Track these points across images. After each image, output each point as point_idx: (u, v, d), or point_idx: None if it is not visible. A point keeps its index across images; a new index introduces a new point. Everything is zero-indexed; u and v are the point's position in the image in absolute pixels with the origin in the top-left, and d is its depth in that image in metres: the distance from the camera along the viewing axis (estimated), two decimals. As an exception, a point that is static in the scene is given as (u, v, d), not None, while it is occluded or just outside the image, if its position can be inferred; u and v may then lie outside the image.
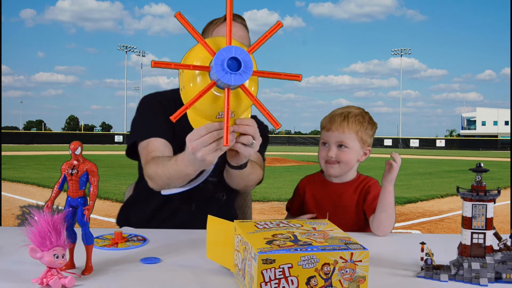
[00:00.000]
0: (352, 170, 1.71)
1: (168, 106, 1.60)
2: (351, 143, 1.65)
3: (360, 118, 1.67)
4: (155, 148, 1.54)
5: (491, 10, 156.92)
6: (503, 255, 1.01)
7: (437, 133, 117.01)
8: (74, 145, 1.02)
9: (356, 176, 1.72)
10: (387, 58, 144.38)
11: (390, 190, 1.52)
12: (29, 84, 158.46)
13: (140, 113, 1.70)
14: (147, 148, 1.55)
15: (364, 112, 1.71)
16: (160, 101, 1.69)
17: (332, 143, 1.66)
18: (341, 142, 1.64)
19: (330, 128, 1.66)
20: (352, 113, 1.67)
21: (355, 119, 1.66)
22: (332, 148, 1.65)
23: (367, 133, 1.68)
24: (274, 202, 7.68)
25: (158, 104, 1.68)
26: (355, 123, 1.65)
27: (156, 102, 1.69)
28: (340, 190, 1.69)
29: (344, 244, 0.92)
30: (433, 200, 8.69)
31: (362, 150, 1.68)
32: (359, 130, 1.65)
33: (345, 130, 1.64)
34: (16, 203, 6.81)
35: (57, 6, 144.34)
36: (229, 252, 1.06)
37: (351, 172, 1.71)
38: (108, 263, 1.13)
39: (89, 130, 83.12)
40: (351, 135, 1.64)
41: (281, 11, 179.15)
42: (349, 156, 1.65)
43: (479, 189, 1.02)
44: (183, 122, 1.64)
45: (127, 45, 63.94)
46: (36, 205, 0.99)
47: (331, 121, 1.67)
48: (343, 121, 1.65)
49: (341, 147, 1.65)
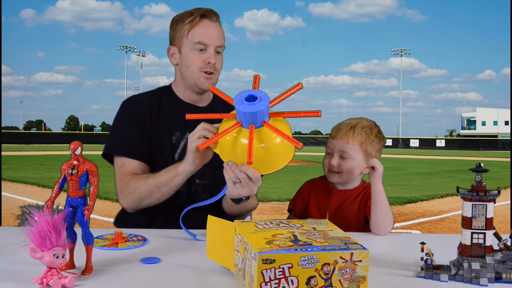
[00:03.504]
0: (357, 179, 1.70)
1: (142, 115, 1.68)
2: (354, 154, 1.63)
3: (367, 130, 1.66)
4: (131, 169, 1.62)
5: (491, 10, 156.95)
6: (503, 255, 1.01)
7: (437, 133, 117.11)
8: (74, 145, 1.02)
9: (360, 184, 1.71)
10: (387, 58, 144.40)
11: (380, 188, 1.53)
12: (29, 84, 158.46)
13: (118, 123, 1.73)
14: (123, 168, 1.63)
15: (374, 125, 1.69)
16: (136, 110, 1.70)
17: (335, 152, 1.65)
18: (344, 151, 1.63)
19: (335, 136, 1.66)
20: (360, 124, 1.66)
21: (361, 130, 1.64)
22: (334, 157, 1.65)
23: (373, 146, 1.66)
24: (274, 202, 7.68)
25: (134, 115, 1.70)
26: (361, 134, 1.64)
27: (132, 113, 1.71)
28: (343, 197, 1.69)
29: (344, 244, 0.92)
30: (433, 200, 8.69)
31: (365, 162, 1.65)
32: (364, 142, 1.64)
33: (350, 140, 1.63)
34: (16, 203, 6.80)
35: (57, 6, 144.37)
36: (229, 252, 1.06)
37: (355, 181, 1.70)
38: (108, 263, 1.13)
39: (89, 130, 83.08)
40: (355, 145, 1.63)
41: (281, 11, 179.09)
42: (350, 166, 1.63)
43: (479, 189, 1.02)
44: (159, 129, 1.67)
45: (127, 45, 63.88)
46: (36, 205, 0.99)
47: (337, 129, 1.67)
48: (349, 130, 1.64)
49: (343, 157, 1.64)
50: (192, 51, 1.64)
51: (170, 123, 1.70)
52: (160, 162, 1.64)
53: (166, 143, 1.68)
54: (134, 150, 1.64)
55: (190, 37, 1.63)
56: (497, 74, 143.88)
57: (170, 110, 1.72)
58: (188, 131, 1.67)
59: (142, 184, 1.54)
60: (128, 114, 1.72)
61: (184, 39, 1.65)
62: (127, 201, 1.59)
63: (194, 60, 1.64)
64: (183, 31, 1.64)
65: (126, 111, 1.73)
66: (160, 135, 1.68)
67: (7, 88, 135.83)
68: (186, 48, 1.65)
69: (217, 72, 1.69)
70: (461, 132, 76.00)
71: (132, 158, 1.63)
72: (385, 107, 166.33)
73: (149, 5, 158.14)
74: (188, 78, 1.68)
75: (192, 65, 1.65)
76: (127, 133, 1.68)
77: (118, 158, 1.65)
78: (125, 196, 1.59)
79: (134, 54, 66.49)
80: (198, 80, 1.66)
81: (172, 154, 1.67)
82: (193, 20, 1.63)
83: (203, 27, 1.63)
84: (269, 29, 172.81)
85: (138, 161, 1.63)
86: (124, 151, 1.65)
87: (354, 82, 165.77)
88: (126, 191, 1.58)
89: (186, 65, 1.66)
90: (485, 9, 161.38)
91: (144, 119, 1.68)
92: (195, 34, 1.63)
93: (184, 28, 1.64)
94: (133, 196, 1.56)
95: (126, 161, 1.63)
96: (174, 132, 1.69)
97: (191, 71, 1.66)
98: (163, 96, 1.76)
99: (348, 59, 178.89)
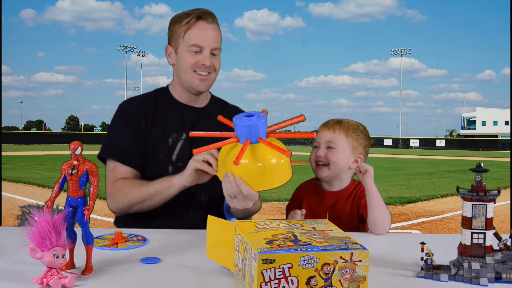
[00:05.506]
0: (346, 178, 1.70)
1: (137, 119, 1.70)
2: (340, 144, 1.65)
3: (354, 126, 1.69)
4: (122, 174, 1.64)
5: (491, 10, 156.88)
6: (503, 255, 1.01)
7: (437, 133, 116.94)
8: (74, 145, 1.02)
9: (350, 183, 1.72)
10: (387, 58, 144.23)
11: (373, 187, 1.54)
12: (29, 84, 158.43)
13: (113, 126, 1.75)
14: (114, 172, 1.65)
15: (360, 124, 1.73)
16: (131, 113, 1.71)
17: (322, 143, 1.67)
18: (330, 141, 1.65)
19: (321, 130, 1.69)
20: (347, 121, 1.71)
21: (348, 125, 1.68)
22: (321, 148, 1.66)
23: (359, 141, 1.68)
24: (274, 202, 7.68)
25: (129, 119, 1.71)
26: (347, 127, 1.67)
27: (127, 116, 1.72)
28: (334, 199, 1.69)
29: (344, 244, 0.92)
30: (433, 200, 8.70)
31: (352, 155, 1.66)
32: (350, 135, 1.66)
33: (336, 131, 1.66)
34: (16, 203, 6.80)
35: (57, 6, 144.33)
36: (229, 252, 1.06)
37: (345, 180, 1.70)
38: (108, 263, 1.13)
39: (89, 130, 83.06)
40: (341, 136, 1.65)
41: (281, 11, 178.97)
42: (337, 157, 1.64)
43: (479, 189, 1.02)
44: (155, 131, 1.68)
45: (127, 45, 63.84)
46: (36, 205, 0.99)
47: (324, 124, 1.71)
48: (336, 123, 1.68)
49: (330, 147, 1.65)
50: (187, 52, 1.65)
51: (166, 124, 1.71)
52: (154, 165, 1.65)
53: (161, 145, 1.68)
54: (125, 156, 1.67)
55: (186, 38, 1.64)
56: (497, 74, 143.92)
57: (167, 111, 1.73)
58: (184, 132, 1.68)
59: (135, 191, 1.57)
60: (123, 118, 1.73)
61: (180, 40, 1.66)
62: (117, 205, 1.62)
63: (189, 61, 1.65)
64: (180, 32, 1.65)
65: (122, 114, 1.74)
66: (156, 137, 1.69)
67: (7, 88, 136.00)
68: (181, 49, 1.66)
69: (215, 72, 1.70)
70: (461, 132, 76.00)
71: (123, 164, 1.65)
72: (385, 107, 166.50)
73: (149, 5, 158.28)
74: (183, 78, 1.69)
75: (186, 66, 1.66)
76: (121, 138, 1.70)
77: (110, 162, 1.68)
78: (115, 200, 1.62)
79: (134, 54, 66.51)
80: (193, 82, 1.67)
81: (167, 156, 1.67)
82: (189, 21, 1.63)
83: (198, 29, 1.64)
84: (269, 29, 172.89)
85: (129, 167, 1.66)
86: (116, 156, 1.67)
87: (354, 82, 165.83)
88: (117, 195, 1.61)
89: (181, 65, 1.67)
90: (485, 9, 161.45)
91: (138, 123, 1.70)
92: (190, 36, 1.63)
93: (181, 30, 1.65)
94: (123, 201, 1.59)
95: (117, 165, 1.66)
96: (170, 133, 1.69)
97: (185, 72, 1.67)
98: (160, 98, 1.77)
99: (348, 59, 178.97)
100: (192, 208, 1.69)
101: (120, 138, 1.70)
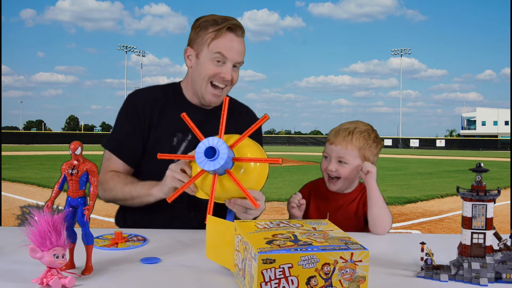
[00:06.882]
0: (354, 182, 1.70)
1: (142, 113, 1.69)
2: (352, 160, 1.63)
3: (365, 135, 1.65)
4: (114, 167, 1.68)
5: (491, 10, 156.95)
6: (503, 255, 1.01)
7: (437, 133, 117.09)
8: (74, 145, 1.02)
9: (357, 186, 1.72)
10: (387, 58, 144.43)
11: (374, 186, 1.54)
12: (29, 84, 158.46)
13: (118, 117, 1.76)
14: (108, 162, 1.70)
15: (371, 130, 1.69)
16: (137, 107, 1.71)
17: (333, 157, 1.65)
18: (341, 157, 1.64)
19: (333, 141, 1.66)
20: (358, 129, 1.66)
21: (360, 136, 1.64)
22: (332, 162, 1.65)
23: (371, 151, 1.66)
24: (274, 202, 7.68)
25: (133, 112, 1.70)
26: (359, 139, 1.64)
27: (132, 109, 1.71)
28: (342, 201, 1.69)
29: (344, 244, 0.92)
30: (433, 200, 8.70)
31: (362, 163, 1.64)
32: (362, 147, 1.64)
33: (348, 146, 1.63)
34: (16, 203, 6.80)
35: (57, 6, 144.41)
36: (229, 252, 1.06)
37: (353, 184, 1.71)
38: (108, 263, 1.13)
39: (89, 130, 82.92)
40: (354, 151, 1.63)
41: (281, 11, 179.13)
42: (348, 172, 1.64)
43: (479, 189, 1.02)
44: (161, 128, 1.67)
45: (127, 45, 63.85)
46: (36, 205, 0.99)
47: (335, 135, 1.67)
48: (347, 136, 1.64)
49: (341, 162, 1.64)
50: (210, 60, 1.60)
51: (173, 123, 1.67)
52: (155, 162, 1.64)
53: (165, 144, 1.67)
54: (122, 150, 1.69)
55: (212, 47, 1.59)
56: (497, 74, 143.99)
57: (175, 110, 1.67)
58: (190, 133, 1.66)
59: (119, 188, 1.60)
60: (127, 111, 1.73)
61: (204, 46, 1.60)
62: (103, 194, 1.67)
63: (210, 71, 1.60)
64: (206, 38, 1.60)
65: (127, 106, 1.74)
66: (161, 135, 1.68)
67: (7, 88, 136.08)
68: (204, 55, 1.61)
69: (231, 85, 1.67)
70: (461, 132, 75.98)
71: (117, 157, 1.68)
72: (385, 107, 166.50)
73: (149, 5, 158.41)
74: (198, 86, 1.66)
75: (205, 75, 1.61)
76: (121, 131, 1.72)
77: (107, 151, 1.72)
78: (103, 190, 1.65)
79: (134, 54, 66.53)
80: (206, 94, 1.65)
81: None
82: (218, 30, 1.58)
83: (227, 41, 1.59)
84: (269, 29, 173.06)
85: (122, 162, 1.68)
86: (113, 148, 1.70)
87: (354, 82, 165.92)
88: (105, 186, 1.64)
89: (200, 72, 1.63)
90: (485, 9, 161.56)
91: (142, 117, 1.69)
92: (217, 46, 1.58)
93: (207, 36, 1.60)
94: (109, 194, 1.64)
95: (112, 157, 1.69)
96: (176, 133, 1.68)
97: (202, 80, 1.63)
98: (170, 94, 1.75)
99: (348, 59, 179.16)
100: (192, 209, 1.68)
101: (120, 131, 1.73)
